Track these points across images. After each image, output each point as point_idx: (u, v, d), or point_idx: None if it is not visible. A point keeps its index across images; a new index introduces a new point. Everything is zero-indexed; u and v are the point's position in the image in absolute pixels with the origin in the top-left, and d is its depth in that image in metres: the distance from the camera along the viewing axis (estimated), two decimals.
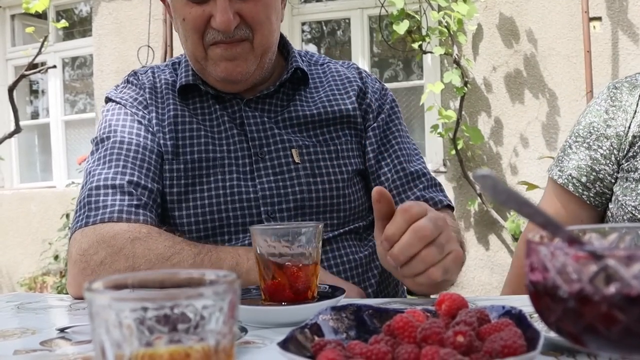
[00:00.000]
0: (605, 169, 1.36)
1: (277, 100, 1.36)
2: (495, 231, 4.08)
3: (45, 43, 4.37)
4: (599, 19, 3.84)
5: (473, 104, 4.12)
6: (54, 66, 4.73)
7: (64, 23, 4.70)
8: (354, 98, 1.38)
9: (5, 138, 4.59)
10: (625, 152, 1.34)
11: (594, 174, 1.37)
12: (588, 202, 1.39)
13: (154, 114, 1.32)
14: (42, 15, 5.07)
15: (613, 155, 1.35)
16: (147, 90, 1.35)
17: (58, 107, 5.73)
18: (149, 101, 1.33)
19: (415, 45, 3.99)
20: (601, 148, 1.36)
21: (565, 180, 1.39)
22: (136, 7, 5.03)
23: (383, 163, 1.36)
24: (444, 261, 0.94)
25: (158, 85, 1.36)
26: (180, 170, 1.27)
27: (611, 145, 1.35)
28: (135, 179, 1.22)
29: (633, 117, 1.34)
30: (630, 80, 1.40)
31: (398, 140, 1.39)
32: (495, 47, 4.08)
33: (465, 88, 3.93)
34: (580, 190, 1.38)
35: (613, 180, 1.37)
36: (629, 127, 1.34)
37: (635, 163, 1.32)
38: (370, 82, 1.43)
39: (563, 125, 3.90)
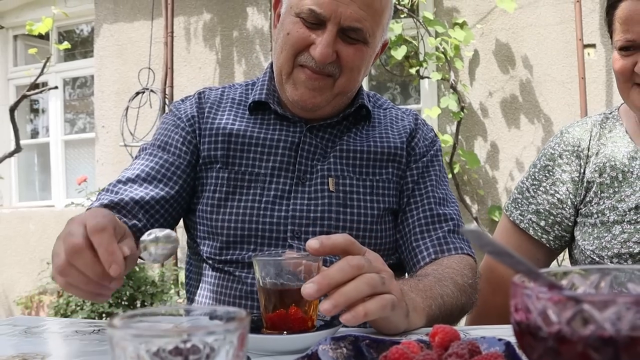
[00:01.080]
0: (562, 213, 1.40)
1: (337, 132, 1.42)
2: None
3: (48, 64, 4.43)
4: (593, 46, 3.91)
5: (469, 129, 4.18)
6: (56, 87, 4.78)
7: (66, 45, 4.76)
8: (404, 138, 1.44)
9: (5, 157, 4.64)
10: (582, 197, 1.38)
11: (552, 217, 1.41)
12: (548, 245, 1.43)
13: (207, 126, 1.41)
14: (44, 36, 5.13)
15: (569, 200, 1.39)
16: (208, 105, 1.44)
17: (58, 127, 5.78)
18: (206, 113, 1.43)
19: (413, 71, 4.06)
20: (558, 193, 1.40)
21: (527, 225, 1.44)
22: (137, 30, 5.10)
23: (412, 200, 1.40)
24: (372, 301, 0.89)
25: (223, 100, 1.46)
26: (225, 178, 1.37)
27: (567, 190, 1.39)
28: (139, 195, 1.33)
29: (587, 163, 1.38)
30: (581, 124, 1.44)
31: (433, 184, 1.42)
32: (492, 73, 4.15)
33: (462, 113, 3.99)
34: (539, 234, 1.43)
35: (571, 224, 1.41)
36: (584, 173, 1.38)
37: (591, 208, 1.36)
38: (423, 129, 1.49)
39: None
